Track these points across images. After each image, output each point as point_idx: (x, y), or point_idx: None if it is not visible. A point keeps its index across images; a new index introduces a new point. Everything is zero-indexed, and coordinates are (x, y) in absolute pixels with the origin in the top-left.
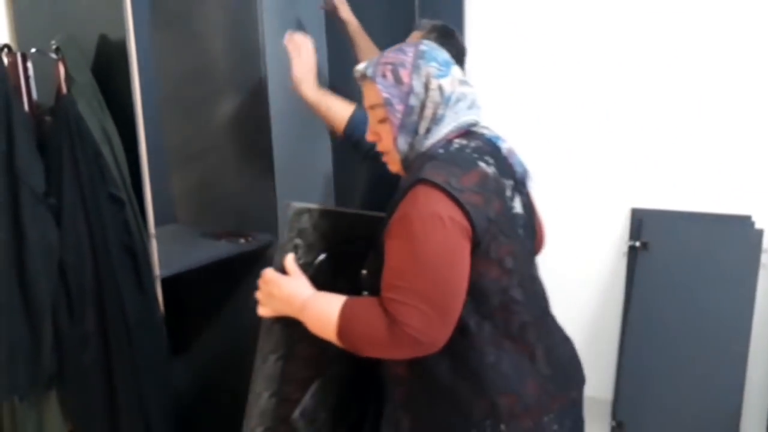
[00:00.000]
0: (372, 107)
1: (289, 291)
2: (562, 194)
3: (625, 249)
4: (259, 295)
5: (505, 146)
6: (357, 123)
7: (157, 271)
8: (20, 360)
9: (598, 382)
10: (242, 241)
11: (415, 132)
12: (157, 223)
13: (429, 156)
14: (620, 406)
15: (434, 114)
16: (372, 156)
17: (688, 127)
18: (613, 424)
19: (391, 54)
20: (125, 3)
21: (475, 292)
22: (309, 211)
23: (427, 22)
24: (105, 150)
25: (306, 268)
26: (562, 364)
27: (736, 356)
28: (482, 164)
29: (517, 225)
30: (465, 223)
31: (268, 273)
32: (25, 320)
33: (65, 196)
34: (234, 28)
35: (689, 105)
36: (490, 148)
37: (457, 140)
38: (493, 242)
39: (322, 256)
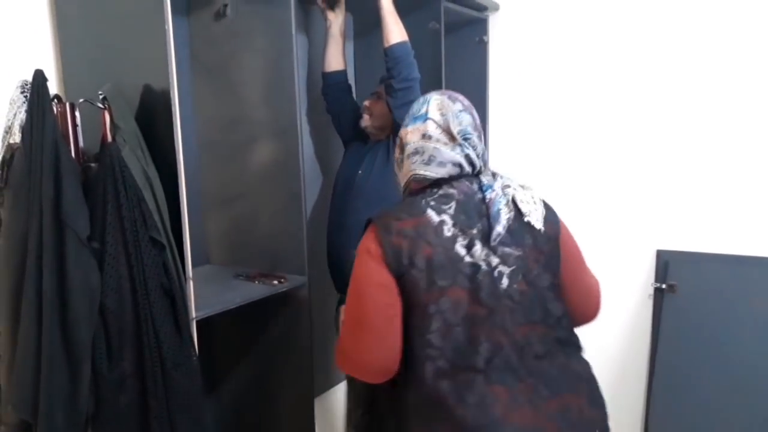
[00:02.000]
0: None
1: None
2: (586, 234)
3: (650, 291)
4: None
5: (490, 196)
6: (396, 53)
7: (193, 313)
8: (59, 402)
9: (627, 428)
10: (276, 282)
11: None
12: (192, 265)
13: (401, 198)
14: None
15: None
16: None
17: (716, 167)
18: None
19: None
20: (170, 55)
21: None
22: None
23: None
24: (147, 195)
25: None
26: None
27: None
28: (431, 212)
29: (463, 272)
30: (384, 260)
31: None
32: (65, 363)
33: (108, 240)
34: (270, 79)
35: (716, 145)
36: (466, 197)
37: (432, 188)
38: (414, 286)
39: None
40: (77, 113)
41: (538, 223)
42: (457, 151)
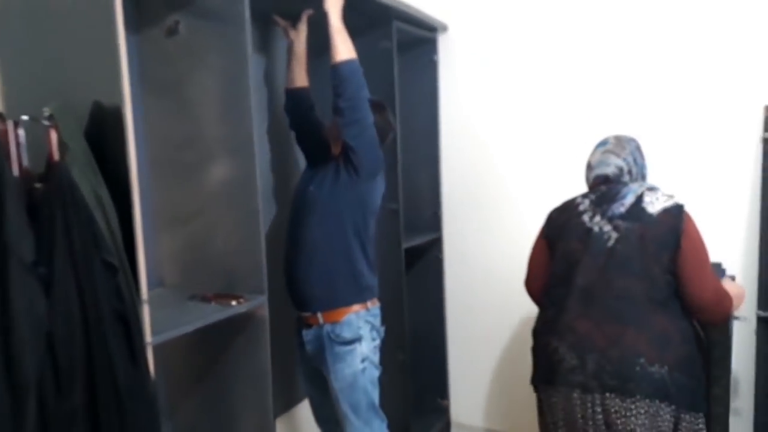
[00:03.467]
0: None
1: None
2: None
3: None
4: None
5: (624, 191)
6: (342, 71)
7: (148, 338)
8: None
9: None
10: (234, 303)
11: None
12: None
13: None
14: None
15: (585, 172)
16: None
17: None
18: (760, 313)
19: None
20: (122, 70)
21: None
22: None
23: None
24: (98, 216)
25: None
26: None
27: None
28: (578, 198)
29: (581, 231)
30: (544, 228)
31: None
32: (9, 399)
33: (56, 264)
34: (224, 96)
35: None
36: (608, 191)
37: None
38: (552, 238)
39: None
40: (20, 131)
41: (650, 207)
42: (621, 158)
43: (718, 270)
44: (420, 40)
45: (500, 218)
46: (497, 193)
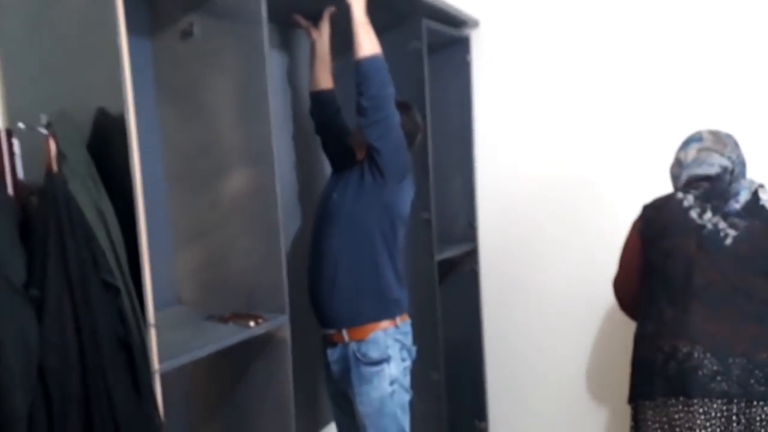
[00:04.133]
0: None
1: None
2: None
3: None
4: None
5: (737, 187)
6: (365, 68)
7: (156, 365)
8: None
9: None
10: (252, 324)
11: None
12: (159, 307)
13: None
14: None
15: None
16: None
17: None
18: None
19: None
20: (124, 76)
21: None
22: None
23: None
24: (99, 233)
25: None
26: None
27: None
28: (679, 194)
29: (691, 229)
30: (638, 225)
31: None
32: None
33: (50, 286)
34: (242, 101)
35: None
36: (712, 187)
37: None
38: (653, 237)
39: None
40: (15, 140)
41: None
42: (726, 156)
43: None
44: (451, 40)
45: (540, 228)
46: (536, 202)
